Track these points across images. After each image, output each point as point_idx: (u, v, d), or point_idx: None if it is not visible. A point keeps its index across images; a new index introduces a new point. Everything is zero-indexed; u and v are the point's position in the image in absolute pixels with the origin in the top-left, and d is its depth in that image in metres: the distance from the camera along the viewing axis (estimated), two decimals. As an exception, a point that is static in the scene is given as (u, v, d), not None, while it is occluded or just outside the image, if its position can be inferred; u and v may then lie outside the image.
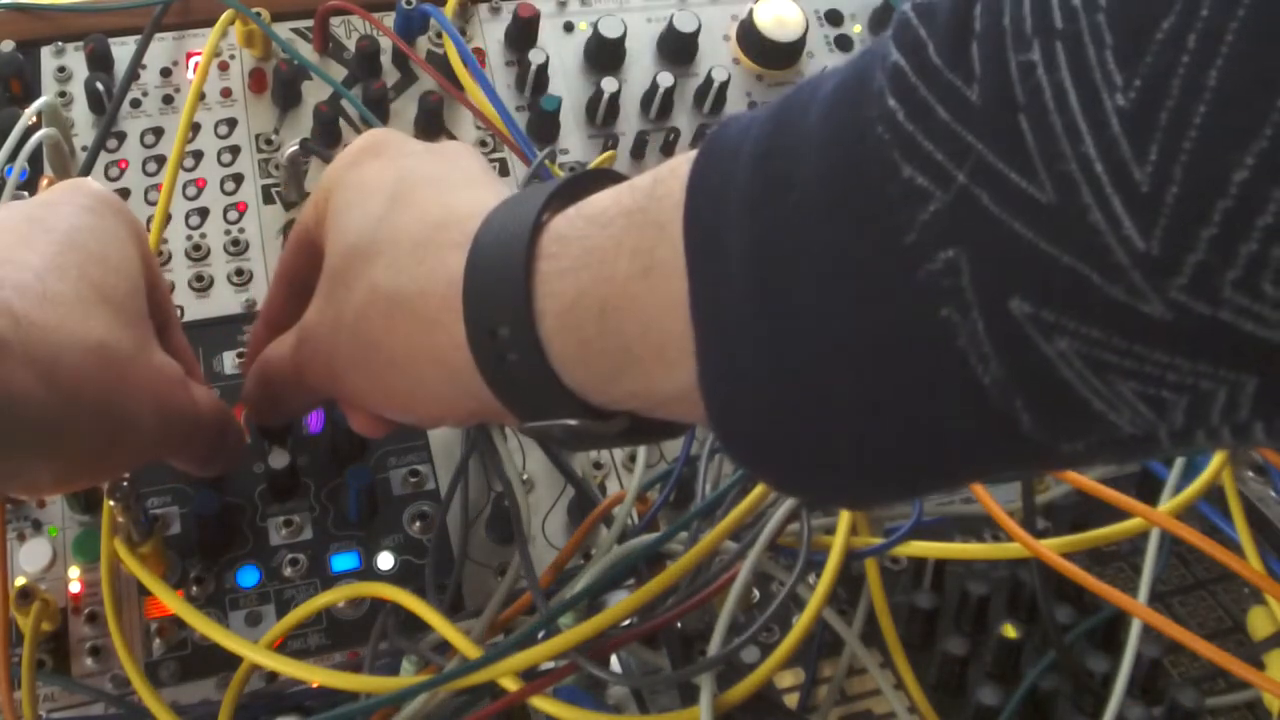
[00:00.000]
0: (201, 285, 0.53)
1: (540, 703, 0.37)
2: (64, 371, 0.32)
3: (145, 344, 0.36)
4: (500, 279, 0.29)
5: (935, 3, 0.22)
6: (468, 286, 0.31)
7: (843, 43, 0.67)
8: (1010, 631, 0.45)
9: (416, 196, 0.35)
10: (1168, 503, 0.44)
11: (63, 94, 0.58)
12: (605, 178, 0.31)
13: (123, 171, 0.56)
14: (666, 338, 0.26)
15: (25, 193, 0.52)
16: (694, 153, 0.27)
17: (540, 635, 0.38)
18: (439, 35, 0.60)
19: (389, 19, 0.60)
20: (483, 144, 0.60)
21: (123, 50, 0.59)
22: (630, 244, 0.27)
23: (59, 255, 0.34)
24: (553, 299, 0.29)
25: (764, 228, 0.24)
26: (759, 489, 0.41)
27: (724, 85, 0.61)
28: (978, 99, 0.20)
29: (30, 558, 0.45)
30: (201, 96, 0.58)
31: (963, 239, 0.20)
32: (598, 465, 0.51)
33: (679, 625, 0.45)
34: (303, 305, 0.39)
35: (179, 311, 0.52)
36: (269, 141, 0.58)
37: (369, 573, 0.46)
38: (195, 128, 0.58)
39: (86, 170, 0.55)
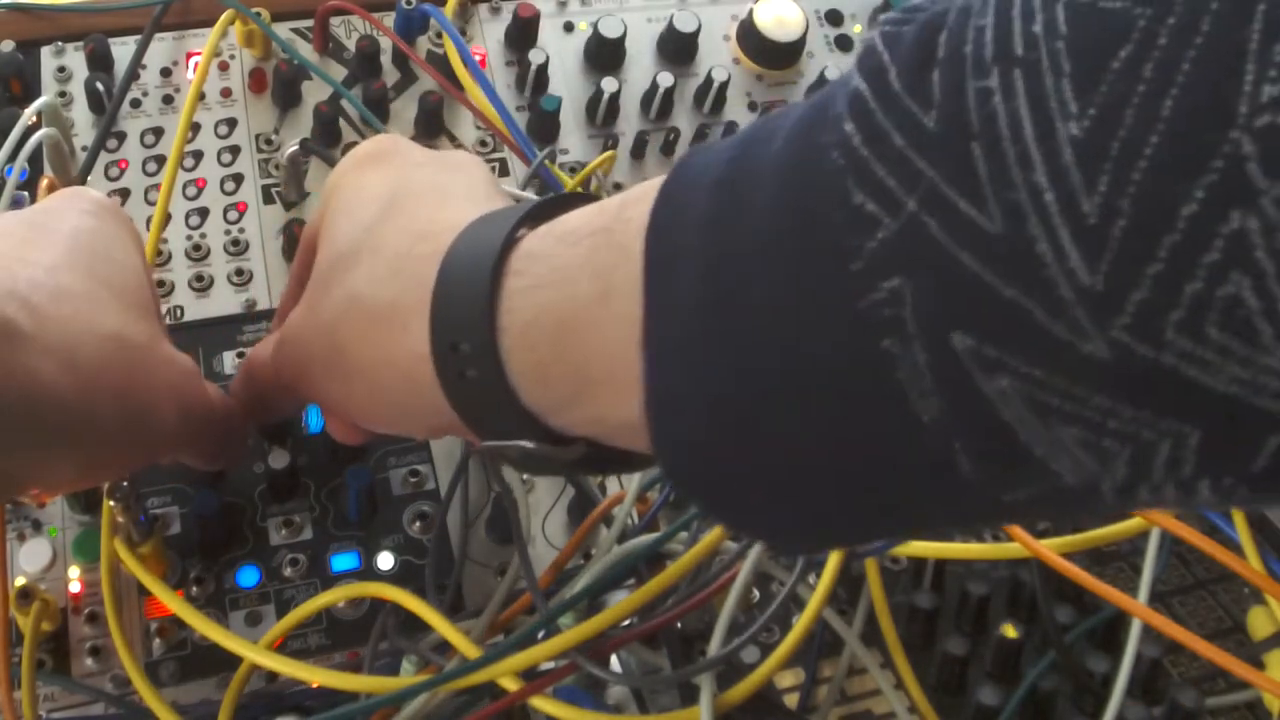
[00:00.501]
0: (201, 285, 0.53)
1: (540, 703, 0.37)
2: (84, 361, 0.32)
3: (157, 336, 0.37)
4: (465, 293, 0.29)
5: (902, 30, 0.21)
6: (435, 299, 0.30)
7: (843, 43, 0.67)
8: (1010, 631, 0.45)
9: (408, 206, 0.34)
10: (1168, 503, 0.44)
11: (63, 94, 0.58)
12: (585, 201, 0.31)
13: (123, 171, 0.56)
14: (620, 363, 0.26)
15: (25, 193, 0.52)
16: (663, 177, 0.26)
17: (540, 635, 0.38)
18: (439, 35, 0.60)
19: (389, 19, 0.60)
20: (483, 144, 0.60)
21: (123, 50, 0.59)
22: (594, 265, 0.27)
23: (66, 254, 0.35)
24: (514, 315, 0.28)
25: (715, 253, 0.23)
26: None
27: (724, 85, 0.61)
28: (934, 125, 0.20)
29: (30, 558, 0.45)
30: (201, 96, 0.58)
31: (908, 268, 0.20)
32: (598, 465, 0.51)
33: (679, 625, 0.45)
34: None
35: (179, 311, 0.52)
36: (269, 141, 0.58)
37: (369, 573, 0.46)
38: (195, 128, 0.58)
39: (87, 170, 0.55)
